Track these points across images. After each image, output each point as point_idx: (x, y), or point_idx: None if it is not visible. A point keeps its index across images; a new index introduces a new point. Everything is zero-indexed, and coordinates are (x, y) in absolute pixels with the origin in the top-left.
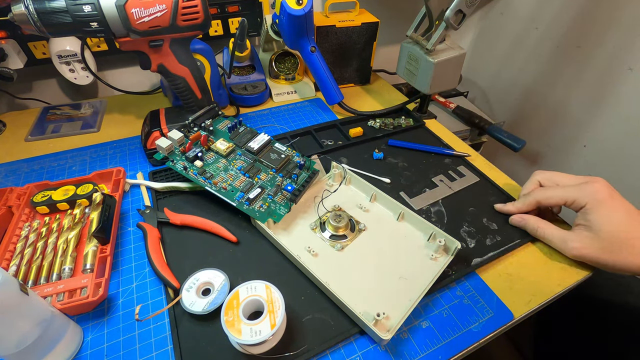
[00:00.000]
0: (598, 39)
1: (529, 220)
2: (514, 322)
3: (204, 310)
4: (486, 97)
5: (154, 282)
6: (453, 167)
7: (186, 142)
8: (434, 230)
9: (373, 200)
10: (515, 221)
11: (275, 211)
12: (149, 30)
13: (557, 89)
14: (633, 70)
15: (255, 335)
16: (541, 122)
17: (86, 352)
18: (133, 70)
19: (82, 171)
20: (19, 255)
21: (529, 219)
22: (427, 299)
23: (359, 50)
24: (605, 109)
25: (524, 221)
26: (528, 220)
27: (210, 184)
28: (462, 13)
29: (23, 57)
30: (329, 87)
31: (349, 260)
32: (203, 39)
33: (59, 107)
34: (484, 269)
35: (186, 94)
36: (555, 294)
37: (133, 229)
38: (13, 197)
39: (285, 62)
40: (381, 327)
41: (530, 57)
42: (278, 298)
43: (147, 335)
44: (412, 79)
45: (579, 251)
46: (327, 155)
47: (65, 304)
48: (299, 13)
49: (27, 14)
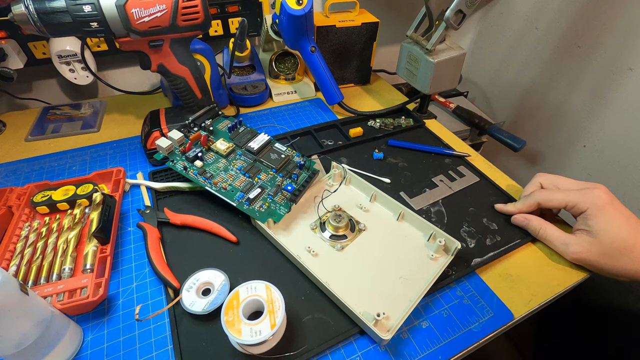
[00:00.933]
0: (598, 39)
1: (532, 221)
2: (514, 322)
3: (204, 310)
4: (486, 97)
5: (154, 282)
6: (453, 167)
7: (186, 142)
8: (434, 230)
9: (373, 200)
10: (518, 221)
11: (275, 211)
12: (149, 30)
13: (557, 89)
14: (633, 70)
15: (255, 335)
16: (541, 122)
17: (86, 352)
18: (133, 70)
19: (82, 171)
20: (19, 255)
21: (532, 220)
22: (427, 299)
23: (359, 50)
24: (605, 109)
25: (527, 221)
26: (531, 220)
27: (210, 184)
28: (462, 13)
29: (23, 57)
30: (329, 87)
31: (349, 260)
32: (203, 39)
33: (59, 107)
34: (484, 269)
35: (186, 94)
36: (555, 294)
37: (133, 229)
38: (13, 197)
39: (285, 62)
40: (381, 327)
41: (530, 57)
42: (278, 298)
43: (147, 335)
44: (412, 79)
45: (579, 255)
46: (327, 155)
47: (65, 304)
48: (299, 13)
49: (27, 14)
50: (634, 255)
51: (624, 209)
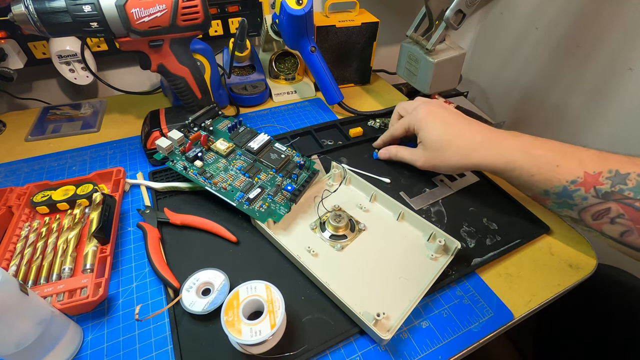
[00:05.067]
0: (598, 39)
1: (390, 150)
2: (514, 322)
3: (204, 310)
4: (486, 97)
5: (154, 282)
6: None
7: (186, 142)
8: (434, 230)
9: (373, 200)
10: (383, 155)
11: (275, 211)
12: (149, 30)
13: (557, 89)
14: (633, 70)
15: (255, 335)
16: (541, 122)
17: (86, 352)
18: (133, 70)
19: (82, 171)
20: (19, 255)
21: (390, 149)
22: (427, 299)
23: (359, 50)
24: (606, 109)
25: (388, 152)
26: (389, 150)
27: (210, 184)
28: (462, 13)
29: (23, 57)
30: (329, 87)
31: (349, 260)
32: (203, 39)
33: (59, 107)
34: (484, 269)
35: (186, 94)
36: (555, 294)
37: (133, 229)
38: (13, 197)
39: (285, 62)
40: (381, 327)
41: (530, 57)
42: (278, 298)
43: (147, 335)
44: (412, 79)
45: (422, 162)
46: (327, 155)
47: (65, 304)
48: (299, 13)
49: (27, 14)
50: (455, 148)
51: (443, 113)
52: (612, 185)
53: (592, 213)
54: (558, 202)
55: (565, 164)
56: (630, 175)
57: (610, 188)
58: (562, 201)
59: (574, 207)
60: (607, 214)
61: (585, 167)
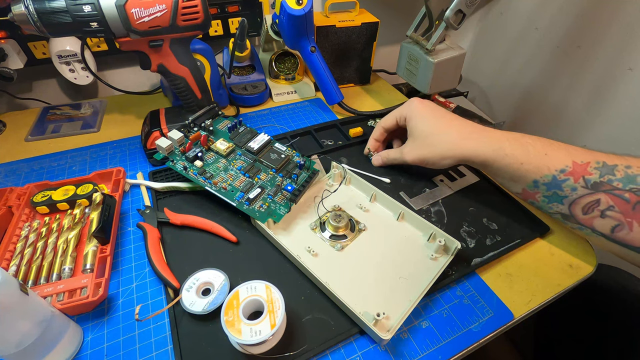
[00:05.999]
0: (598, 39)
1: (381, 155)
2: (514, 322)
3: (204, 310)
4: (486, 97)
5: (154, 282)
6: (453, 167)
7: (186, 142)
8: (434, 230)
9: (373, 200)
10: (376, 162)
11: (275, 211)
12: (149, 30)
13: (557, 89)
14: (633, 70)
15: (255, 335)
16: (541, 122)
17: (86, 352)
18: (133, 70)
19: (82, 171)
20: (19, 255)
21: (380, 154)
22: (427, 299)
23: (359, 50)
24: (606, 109)
25: (379, 157)
26: (380, 155)
27: (210, 184)
28: (462, 13)
29: (23, 57)
30: (329, 87)
31: (349, 260)
32: (203, 39)
33: (59, 107)
34: (484, 269)
35: (186, 94)
36: (555, 294)
37: (133, 229)
38: (13, 197)
39: (285, 62)
40: (381, 327)
41: (530, 57)
42: (278, 298)
43: (147, 335)
44: (412, 79)
45: (410, 155)
46: (327, 155)
47: (65, 304)
48: (299, 13)
49: (27, 14)
50: (444, 136)
51: (434, 106)
52: (600, 176)
53: (582, 206)
54: (548, 195)
55: (554, 153)
56: (617, 166)
57: (599, 178)
58: (551, 193)
59: (564, 199)
60: (597, 206)
61: (573, 157)
